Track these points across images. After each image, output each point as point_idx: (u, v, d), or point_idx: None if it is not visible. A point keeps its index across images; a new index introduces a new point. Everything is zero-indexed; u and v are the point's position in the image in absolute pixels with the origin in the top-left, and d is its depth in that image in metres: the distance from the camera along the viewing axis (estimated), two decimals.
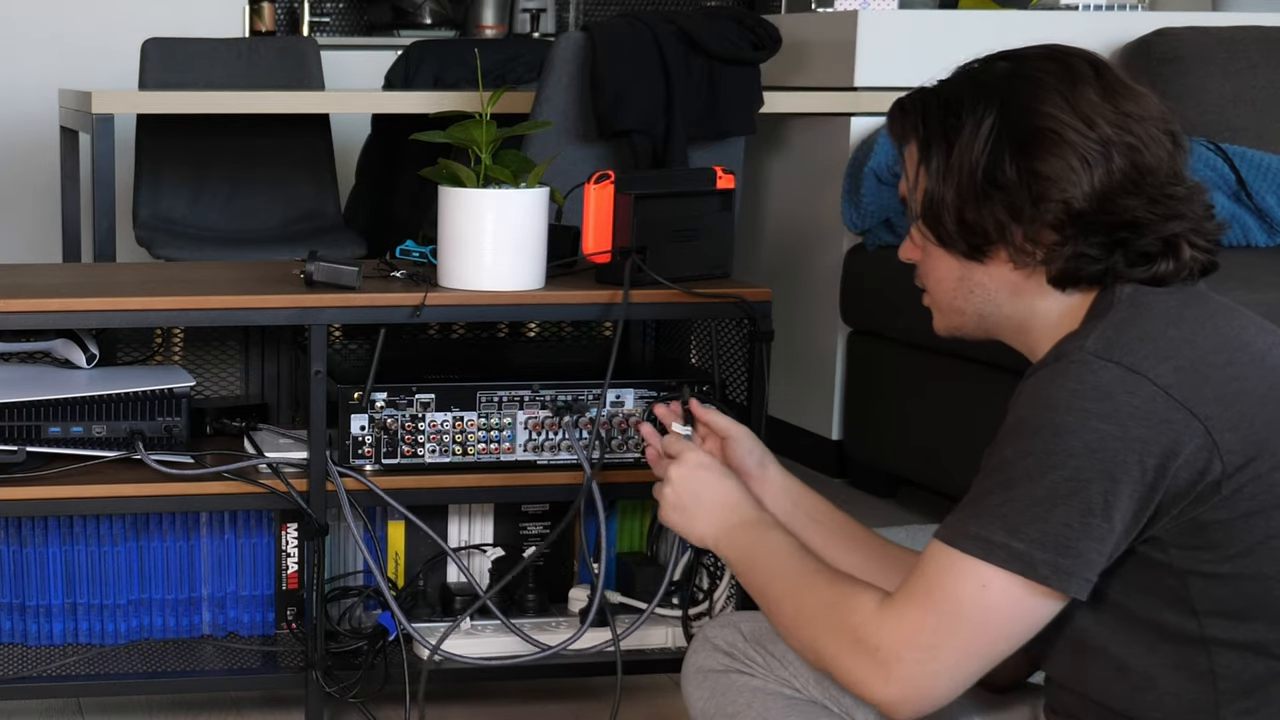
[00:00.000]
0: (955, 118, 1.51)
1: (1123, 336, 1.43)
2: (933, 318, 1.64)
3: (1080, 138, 1.46)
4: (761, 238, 4.14)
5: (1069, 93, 1.47)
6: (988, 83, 1.51)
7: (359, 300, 2.30)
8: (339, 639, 2.46)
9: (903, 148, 1.59)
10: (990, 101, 1.49)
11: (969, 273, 1.55)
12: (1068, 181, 1.46)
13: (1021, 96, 1.48)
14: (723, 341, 2.56)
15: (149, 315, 2.28)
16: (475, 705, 2.55)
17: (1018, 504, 1.41)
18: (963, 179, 1.50)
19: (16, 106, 5.17)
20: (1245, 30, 3.67)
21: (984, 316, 1.58)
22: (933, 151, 1.52)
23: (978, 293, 1.56)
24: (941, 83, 1.56)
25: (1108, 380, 1.40)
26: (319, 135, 4.45)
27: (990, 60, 1.54)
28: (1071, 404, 1.40)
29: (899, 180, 1.63)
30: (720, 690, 1.73)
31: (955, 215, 1.51)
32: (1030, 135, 1.47)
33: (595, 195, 2.36)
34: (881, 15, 3.78)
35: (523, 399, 2.38)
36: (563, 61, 3.47)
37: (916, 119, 1.55)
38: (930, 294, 1.62)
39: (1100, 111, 1.47)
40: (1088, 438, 1.39)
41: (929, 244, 1.57)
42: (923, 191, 1.54)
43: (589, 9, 6.50)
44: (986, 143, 1.48)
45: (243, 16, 5.42)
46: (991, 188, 1.48)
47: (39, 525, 2.45)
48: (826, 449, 3.91)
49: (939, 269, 1.58)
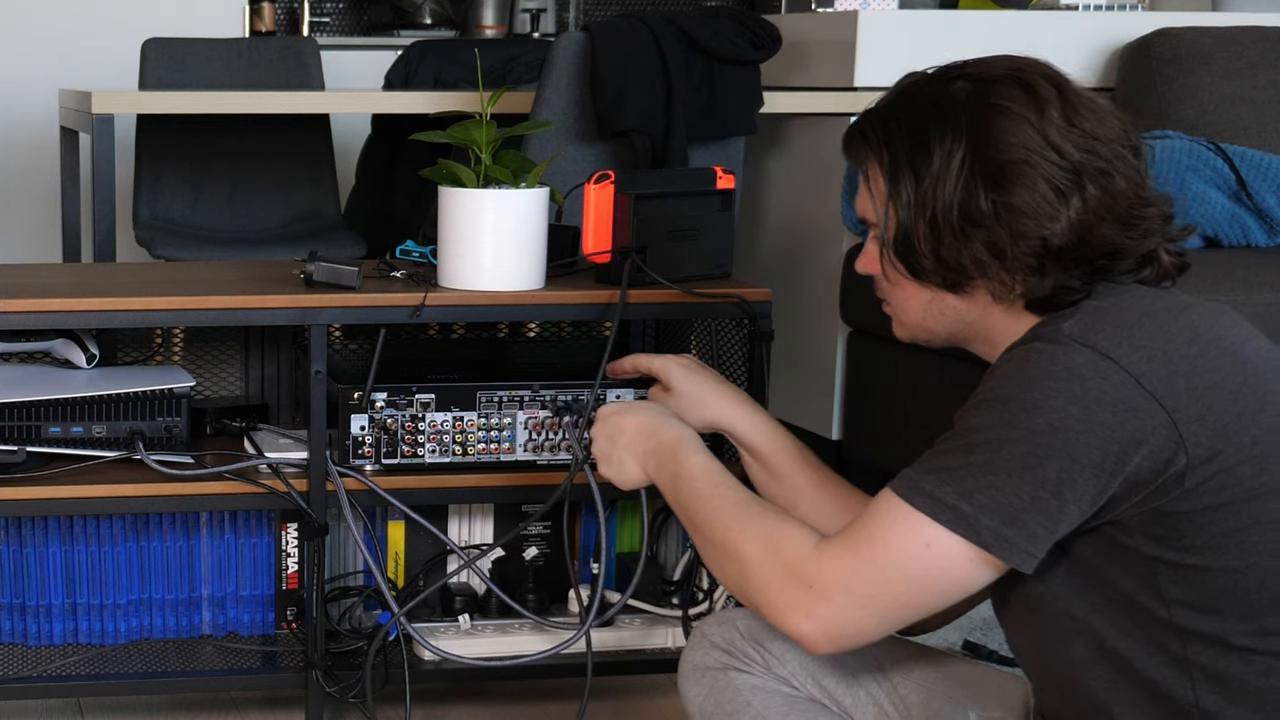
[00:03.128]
0: (923, 148, 1.50)
1: (1099, 323, 1.44)
2: (894, 325, 1.66)
3: (1053, 168, 1.46)
4: (761, 238, 4.14)
5: (1037, 120, 1.47)
6: (952, 110, 1.49)
7: (359, 300, 2.30)
8: (339, 639, 2.46)
9: (860, 169, 1.58)
10: (958, 132, 1.48)
11: (939, 298, 1.57)
12: (1045, 215, 1.46)
13: (991, 128, 1.47)
14: (723, 341, 2.56)
15: (149, 315, 2.28)
16: (475, 705, 2.55)
17: (974, 470, 1.43)
18: (937, 215, 1.50)
19: (16, 106, 5.17)
20: (1245, 30, 3.67)
21: (953, 334, 1.61)
22: (901, 184, 1.52)
23: (949, 314, 1.58)
24: (898, 104, 1.54)
25: (1080, 363, 1.41)
26: (319, 135, 4.45)
27: (948, 79, 1.52)
28: (1042, 382, 1.42)
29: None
30: (718, 688, 1.74)
31: (931, 251, 1.52)
32: (1002, 168, 1.47)
33: (595, 195, 2.36)
34: (881, 15, 3.78)
35: (523, 399, 2.38)
36: (563, 61, 3.47)
37: (880, 147, 1.54)
38: (894, 311, 1.63)
39: (1068, 137, 1.47)
40: (1052, 417, 1.40)
41: (895, 274, 1.57)
42: (894, 224, 1.53)
43: (589, 9, 6.50)
44: (959, 177, 1.48)
45: (243, 16, 5.42)
46: (969, 225, 1.48)
47: (39, 525, 2.45)
48: (826, 449, 3.91)
49: (904, 292, 1.59)
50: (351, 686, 2.37)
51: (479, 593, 2.51)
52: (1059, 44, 3.61)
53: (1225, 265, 3.16)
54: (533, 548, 2.54)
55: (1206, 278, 3.00)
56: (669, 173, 3.16)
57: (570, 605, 2.51)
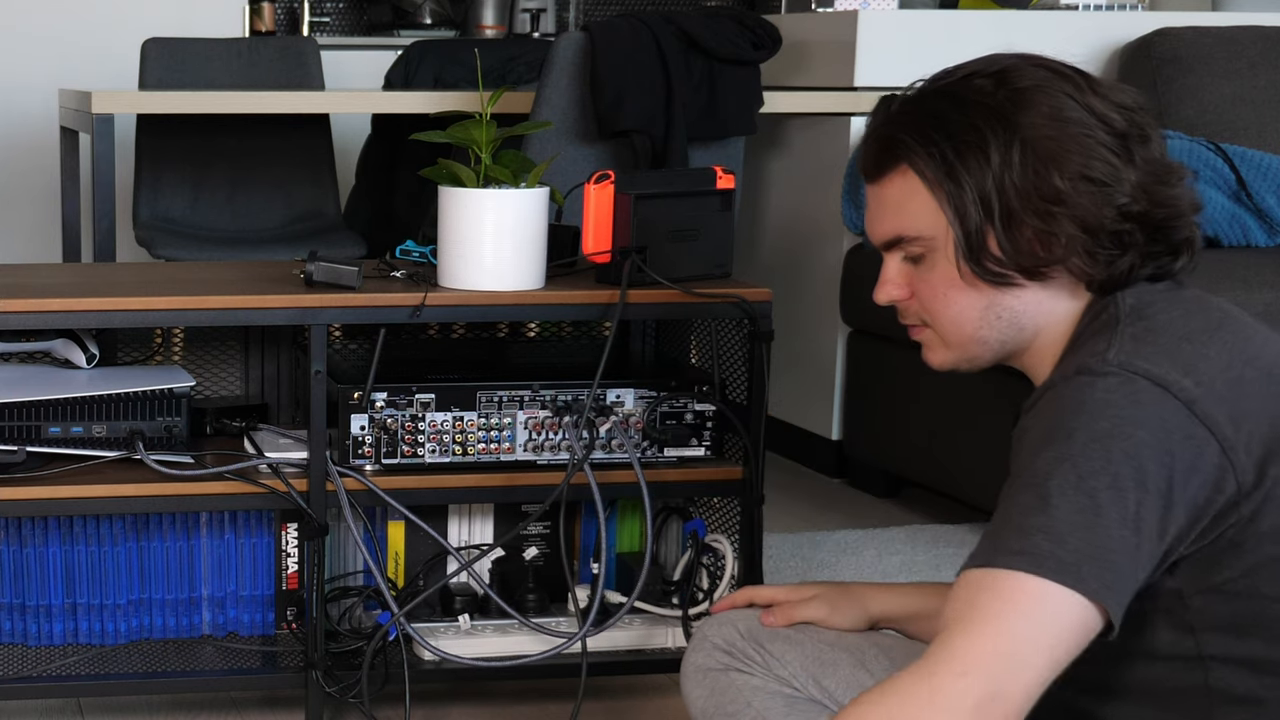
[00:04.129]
0: (976, 146, 1.43)
1: (1143, 350, 1.39)
2: (931, 351, 1.56)
3: (1106, 136, 1.43)
4: (761, 238, 4.14)
5: (1078, 94, 1.44)
6: (989, 104, 1.44)
7: (359, 300, 2.30)
8: (339, 639, 2.46)
9: (879, 183, 1.51)
10: (1006, 120, 1.43)
11: (997, 300, 1.49)
12: (1115, 182, 1.42)
13: (1039, 109, 1.43)
14: (723, 341, 2.56)
15: (149, 315, 2.28)
16: (475, 705, 2.55)
17: (1057, 513, 1.34)
18: (1013, 206, 1.43)
19: (16, 106, 5.17)
20: (1245, 30, 3.67)
21: (1005, 341, 1.52)
22: (963, 184, 1.44)
23: (1005, 317, 1.50)
24: (922, 114, 1.47)
25: (1135, 390, 1.36)
26: (319, 135, 4.46)
27: (960, 80, 1.47)
28: (1106, 411, 1.35)
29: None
30: (720, 689, 1.74)
31: (1010, 244, 1.44)
32: (1063, 145, 1.42)
33: (595, 195, 2.36)
34: (881, 15, 3.78)
35: (523, 399, 2.38)
36: (563, 61, 3.47)
37: (925, 156, 1.46)
38: (940, 331, 1.54)
39: (1108, 107, 1.44)
40: (1125, 445, 1.34)
41: (955, 282, 1.48)
42: (960, 228, 1.45)
43: (589, 9, 6.50)
44: (1024, 164, 1.42)
45: (243, 16, 5.42)
46: (1053, 206, 1.42)
47: (39, 525, 2.45)
48: (826, 449, 3.91)
49: (958, 304, 1.50)
50: (351, 686, 2.37)
51: (479, 593, 2.51)
52: (1059, 44, 3.60)
53: (1225, 265, 3.16)
54: (533, 548, 2.54)
55: (1206, 278, 3.00)
56: (669, 173, 3.16)
57: (571, 604, 2.51)
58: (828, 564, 3.20)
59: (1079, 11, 3.97)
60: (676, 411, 2.41)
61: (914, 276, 1.53)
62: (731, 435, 2.46)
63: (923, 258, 1.51)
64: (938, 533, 3.43)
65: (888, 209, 1.52)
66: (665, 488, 2.43)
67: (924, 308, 1.53)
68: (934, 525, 3.50)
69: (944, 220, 1.47)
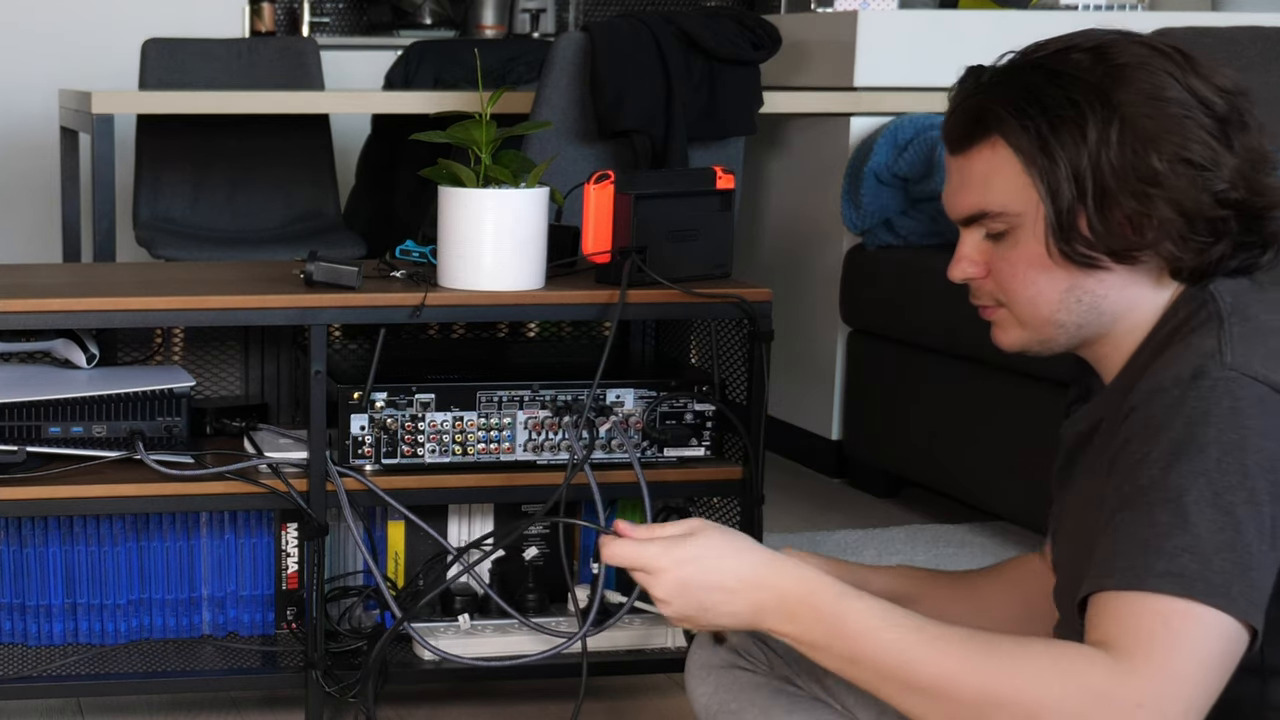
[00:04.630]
0: (1072, 121, 1.38)
1: (1255, 353, 1.34)
2: (1003, 331, 1.50)
3: (1207, 119, 1.38)
4: (761, 238, 4.14)
5: (1180, 74, 1.38)
6: (1088, 79, 1.39)
7: (359, 300, 2.30)
8: (339, 639, 2.46)
9: (965, 154, 1.46)
10: (1105, 97, 1.37)
11: (1080, 281, 1.43)
12: (1214, 166, 1.37)
13: (1140, 86, 1.37)
14: (723, 341, 2.56)
15: (149, 315, 2.28)
16: (475, 705, 2.55)
17: (1199, 531, 1.29)
18: (1108, 186, 1.38)
19: (16, 106, 5.17)
20: (1245, 30, 3.67)
21: (1083, 326, 1.45)
22: (1057, 160, 1.39)
23: (1086, 301, 1.44)
24: (1013, 84, 1.42)
25: (1260, 396, 1.31)
26: (319, 135, 4.46)
27: (1056, 54, 1.42)
28: (1235, 421, 1.31)
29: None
30: (723, 686, 1.74)
31: (1101, 224, 1.39)
32: (1163, 125, 1.37)
33: (595, 195, 2.36)
34: (881, 15, 3.78)
35: (523, 399, 2.38)
36: (563, 61, 3.47)
37: (1020, 124, 1.40)
38: (1017, 311, 1.48)
39: (1209, 89, 1.39)
40: (1258, 457, 1.30)
41: (1040, 261, 1.42)
42: (1053, 205, 1.40)
43: (589, 9, 6.50)
44: (1121, 142, 1.37)
45: (243, 16, 5.43)
46: (1149, 187, 1.37)
47: (39, 525, 2.45)
48: (826, 449, 3.91)
49: (1037, 284, 1.44)
50: (351, 686, 2.37)
51: (479, 593, 2.51)
52: None
53: None
54: (533, 548, 2.54)
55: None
56: (669, 173, 3.16)
57: (571, 604, 2.51)
58: None
59: (1079, 11, 3.97)
60: (676, 411, 2.41)
61: (992, 254, 1.47)
62: (731, 435, 2.46)
63: (1005, 235, 1.45)
64: (938, 533, 3.43)
65: (972, 183, 1.46)
66: (665, 488, 2.44)
67: (1001, 286, 1.48)
68: (934, 525, 3.50)
69: (1034, 197, 1.41)
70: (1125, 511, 1.33)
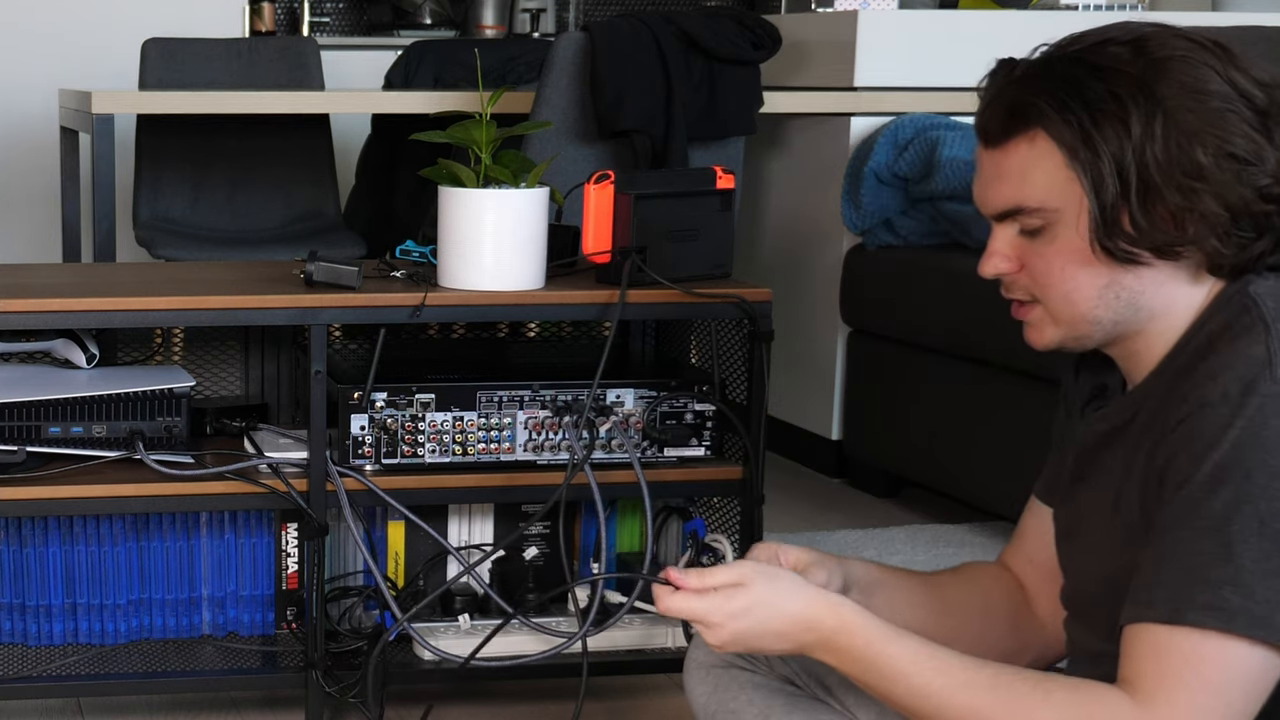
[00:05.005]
0: (1115, 115, 1.36)
1: None
2: (1037, 330, 1.48)
3: (1250, 113, 1.35)
4: (761, 238, 4.14)
5: (1221, 67, 1.36)
6: (1128, 72, 1.36)
7: (359, 300, 2.30)
8: (339, 639, 2.46)
9: (1001, 147, 1.43)
10: (1147, 89, 1.35)
11: (1118, 278, 1.40)
12: (1258, 161, 1.35)
13: (1183, 80, 1.35)
14: (723, 341, 2.56)
15: (149, 315, 2.28)
16: (475, 705, 2.55)
17: (1243, 561, 1.29)
18: (1152, 179, 1.35)
19: (16, 106, 5.17)
20: (1245, 30, 3.67)
21: (1119, 322, 1.43)
22: (1101, 154, 1.36)
23: (1124, 297, 1.41)
24: (1051, 76, 1.40)
25: None
26: (319, 135, 4.46)
27: (1092, 48, 1.40)
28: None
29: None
30: (722, 686, 1.74)
31: (1145, 219, 1.36)
32: (1206, 119, 1.34)
33: (595, 195, 2.36)
34: (881, 15, 3.78)
35: (523, 399, 2.38)
36: (563, 61, 3.47)
37: (1063, 120, 1.38)
38: (1051, 308, 1.45)
39: (1249, 83, 1.37)
40: None
41: (1075, 258, 1.40)
42: (1095, 199, 1.37)
43: (589, 9, 6.50)
44: (1166, 136, 1.34)
45: (243, 16, 5.42)
46: (1195, 181, 1.34)
47: (39, 525, 2.45)
48: (826, 449, 3.91)
49: (1075, 280, 1.41)
50: (351, 686, 2.37)
51: (479, 593, 2.51)
52: None
53: None
54: (533, 547, 2.54)
55: None
56: (669, 173, 3.16)
57: (571, 604, 2.51)
58: None
59: (1079, 11, 3.97)
60: (676, 411, 2.41)
61: (1026, 249, 1.44)
62: (731, 435, 2.46)
63: (1041, 230, 1.42)
64: (938, 533, 3.43)
65: (1008, 177, 1.43)
66: (665, 488, 2.44)
67: (1035, 282, 1.45)
68: (934, 525, 3.50)
69: (1076, 191, 1.38)
70: (1171, 536, 1.33)
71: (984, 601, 1.70)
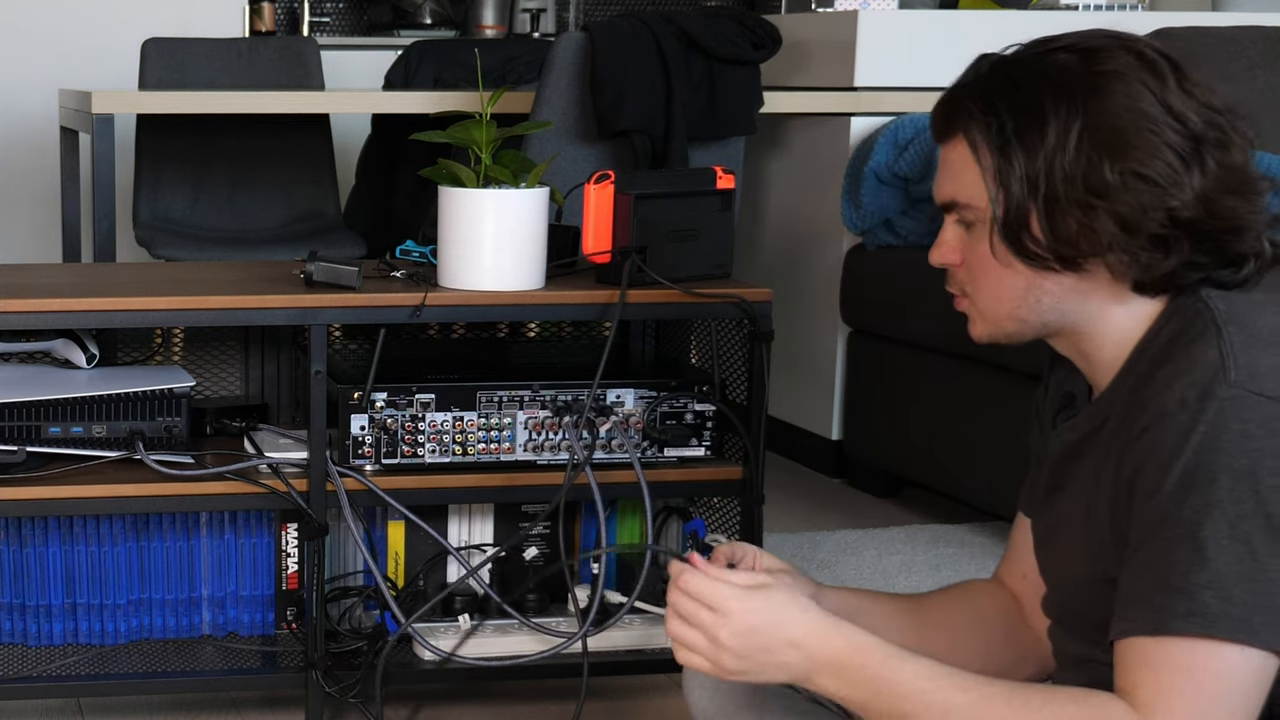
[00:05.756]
0: (1036, 120, 1.37)
1: (1259, 365, 1.32)
2: (971, 323, 1.52)
3: (1176, 136, 1.36)
4: (761, 238, 4.14)
5: (1157, 87, 1.37)
6: (1062, 80, 1.38)
7: (359, 300, 2.30)
8: (339, 639, 2.46)
9: (960, 145, 1.45)
10: (1073, 101, 1.36)
11: (1039, 282, 1.43)
12: (1171, 185, 1.35)
13: (1111, 94, 1.36)
14: (723, 341, 2.56)
15: (149, 315, 2.28)
16: (475, 705, 2.55)
17: (1218, 566, 1.29)
18: (1057, 190, 1.37)
19: (16, 106, 5.17)
20: (1245, 30, 3.67)
21: (1047, 324, 1.46)
22: (1014, 158, 1.39)
23: (1046, 301, 1.44)
24: (997, 78, 1.42)
25: (1268, 415, 1.30)
26: (319, 135, 4.46)
27: (1048, 52, 1.42)
28: (1244, 445, 1.30)
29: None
30: (721, 691, 1.74)
31: (1048, 229, 1.38)
32: (1125, 136, 1.35)
33: (595, 195, 2.36)
34: (881, 15, 3.78)
35: (523, 399, 2.38)
36: (563, 61, 3.47)
37: (985, 120, 1.41)
38: (978, 304, 1.49)
39: (1188, 105, 1.37)
40: (1270, 479, 1.29)
41: (995, 258, 1.43)
42: (1004, 202, 1.40)
43: (589, 9, 6.50)
44: (1078, 148, 1.36)
45: (243, 16, 5.42)
46: (1095, 198, 1.36)
47: (39, 525, 2.45)
48: (826, 449, 3.91)
49: (999, 281, 1.45)
50: (351, 686, 2.37)
51: (479, 593, 2.51)
52: None
53: None
54: (533, 548, 2.54)
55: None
56: (669, 173, 3.16)
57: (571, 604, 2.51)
58: (827, 564, 3.20)
59: (1079, 11, 3.97)
60: (676, 411, 2.42)
61: (966, 244, 1.48)
62: (731, 435, 2.46)
63: (973, 226, 1.46)
64: (938, 533, 3.43)
65: (947, 172, 1.47)
66: (665, 488, 2.44)
67: (968, 277, 1.49)
68: (934, 525, 3.50)
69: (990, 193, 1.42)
70: (1146, 547, 1.34)
71: (975, 616, 1.70)
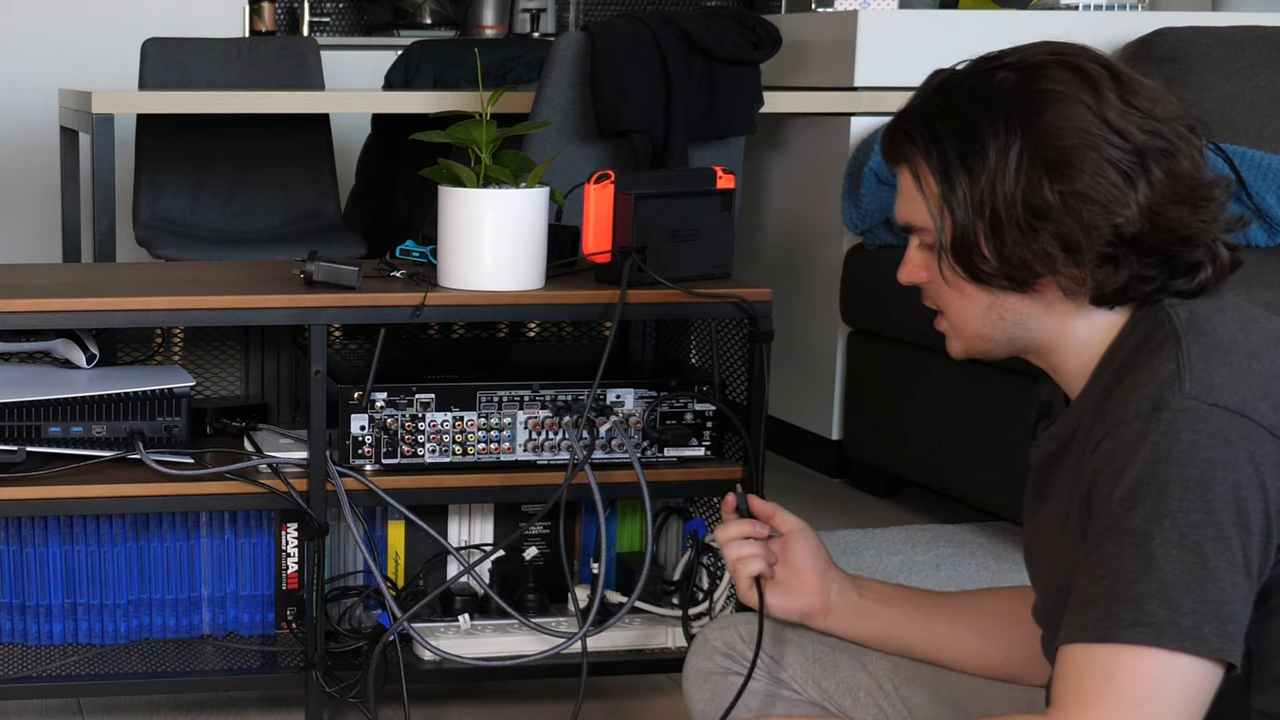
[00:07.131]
0: (975, 143, 1.38)
1: (1215, 375, 1.32)
2: (948, 341, 1.54)
3: (1116, 151, 1.36)
4: (761, 238, 4.14)
5: (1094, 103, 1.37)
6: (1000, 101, 1.38)
7: (359, 300, 2.30)
8: (339, 639, 2.46)
9: (905, 171, 1.47)
10: (1011, 122, 1.37)
11: (999, 301, 1.44)
12: (1114, 202, 1.36)
13: (1046, 114, 1.36)
14: (723, 341, 2.56)
15: (149, 315, 2.28)
16: (475, 705, 2.55)
17: (1166, 575, 1.29)
18: (999, 212, 1.38)
19: (16, 106, 5.17)
20: (1245, 30, 3.67)
21: (1013, 340, 1.48)
22: (956, 183, 1.40)
23: (1009, 318, 1.46)
24: (939, 101, 1.43)
25: (1220, 425, 1.30)
26: (319, 135, 4.46)
27: (988, 70, 1.42)
28: (1195, 456, 1.29)
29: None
30: (720, 692, 1.74)
31: (995, 251, 1.40)
32: (1064, 155, 1.36)
33: (595, 195, 2.36)
34: (881, 15, 3.78)
35: (523, 399, 2.38)
36: (563, 61, 3.47)
37: (927, 146, 1.42)
38: (951, 322, 1.51)
39: (1128, 118, 1.37)
40: (1220, 490, 1.29)
41: (955, 278, 1.45)
42: (950, 226, 1.41)
43: (589, 9, 6.50)
44: (1018, 169, 1.37)
45: (243, 16, 5.42)
46: (1036, 219, 1.37)
47: (39, 525, 2.45)
48: (826, 449, 3.91)
49: (961, 299, 1.46)
50: (351, 686, 2.37)
51: (479, 593, 2.51)
52: None
53: None
54: (533, 548, 2.54)
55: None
56: (669, 173, 3.16)
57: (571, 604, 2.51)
58: None
59: (1079, 11, 3.97)
60: (676, 411, 2.42)
61: (930, 264, 1.48)
62: (731, 435, 2.46)
63: (932, 248, 1.47)
64: (938, 533, 3.43)
65: (901, 195, 1.48)
66: (665, 488, 2.44)
67: (937, 295, 1.50)
68: (934, 525, 3.50)
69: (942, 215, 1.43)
70: (1095, 555, 1.34)
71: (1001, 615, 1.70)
